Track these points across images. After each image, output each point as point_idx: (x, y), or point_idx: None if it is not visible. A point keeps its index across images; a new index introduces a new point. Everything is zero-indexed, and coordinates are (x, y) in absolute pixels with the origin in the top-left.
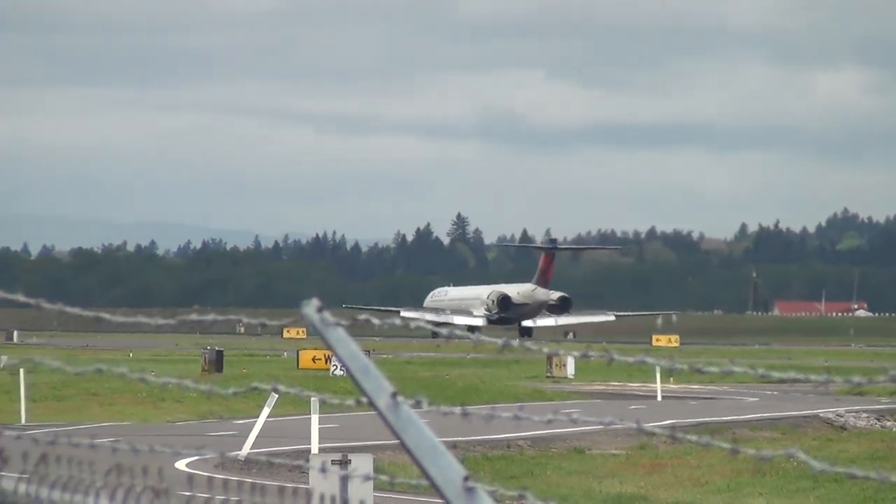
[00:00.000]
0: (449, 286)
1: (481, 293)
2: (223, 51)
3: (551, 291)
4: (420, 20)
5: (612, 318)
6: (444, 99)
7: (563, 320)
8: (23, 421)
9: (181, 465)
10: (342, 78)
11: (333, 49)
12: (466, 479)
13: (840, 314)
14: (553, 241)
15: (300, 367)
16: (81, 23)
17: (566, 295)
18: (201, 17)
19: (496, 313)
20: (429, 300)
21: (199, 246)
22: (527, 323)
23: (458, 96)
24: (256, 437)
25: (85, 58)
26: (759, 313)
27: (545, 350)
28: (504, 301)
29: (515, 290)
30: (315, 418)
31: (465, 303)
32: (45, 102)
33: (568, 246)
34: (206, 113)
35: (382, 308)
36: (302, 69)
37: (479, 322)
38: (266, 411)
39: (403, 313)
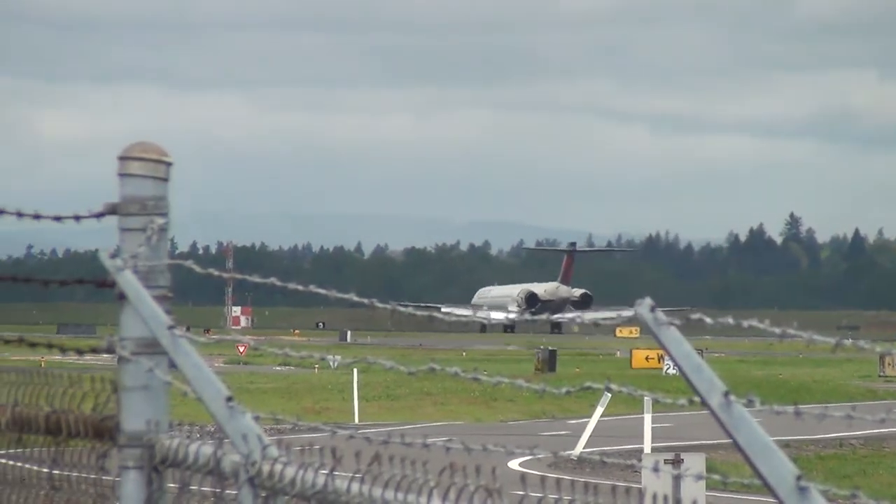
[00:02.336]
0: (493, 285)
1: (513, 291)
2: (561, 50)
3: (573, 288)
4: (752, 20)
5: (630, 312)
6: (777, 98)
7: (589, 315)
8: (356, 420)
9: (514, 464)
10: (677, 77)
11: (667, 48)
12: (799, 478)
13: None
14: (573, 244)
15: (633, 366)
16: (424, 24)
17: (587, 291)
18: (543, 17)
19: (525, 309)
20: (475, 298)
21: (532, 245)
22: (556, 317)
23: (791, 96)
24: (589, 437)
25: (426, 58)
26: None
27: (878, 350)
28: (531, 298)
29: (542, 289)
30: (648, 417)
31: (500, 300)
32: (381, 102)
33: (585, 248)
34: (540, 111)
35: (423, 305)
36: (636, 68)
37: (513, 316)
38: (599, 410)
39: (444, 309)
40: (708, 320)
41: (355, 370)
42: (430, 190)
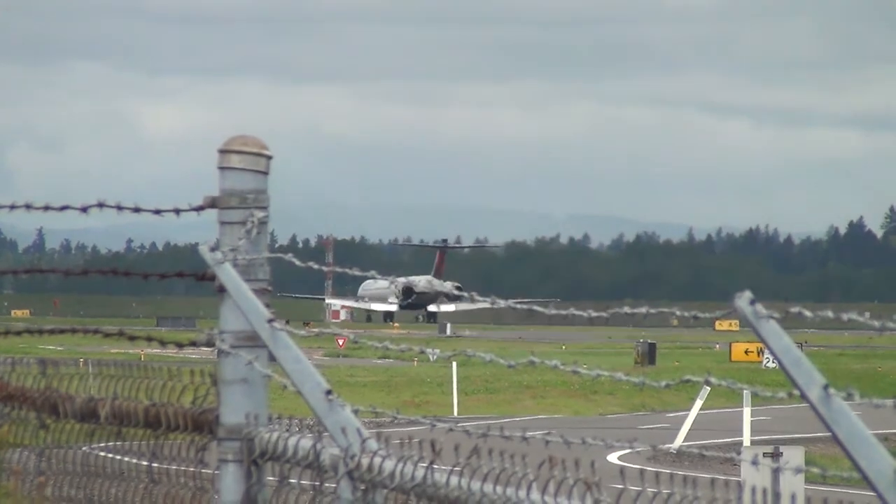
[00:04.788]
0: (377, 278)
1: (391, 284)
2: (665, 44)
3: (446, 281)
4: (859, 13)
5: (502, 304)
6: (881, 91)
7: (465, 306)
8: (455, 413)
9: (613, 458)
10: (780, 71)
11: (771, 42)
12: None
13: None
14: (444, 240)
15: (732, 359)
16: (530, 18)
17: (459, 284)
18: (648, 12)
19: (404, 300)
20: (360, 290)
21: (632, 239)
22: (431, 308)
23: (894, 88)
24: (689, 430)
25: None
26: None
27: None
28: (407, 290)
29: (418, 282)
30: (747, 411)
31: (381, 292)
32: (486, 96)
33: (454, 245)
34: (643, 105)
35: (309, 297)
36: (740, 62)
37: (393, 308)
38: (698, 403)
39: (328, 300)
40: (807, 314)
41: (454, 363)
42: (531, 183)
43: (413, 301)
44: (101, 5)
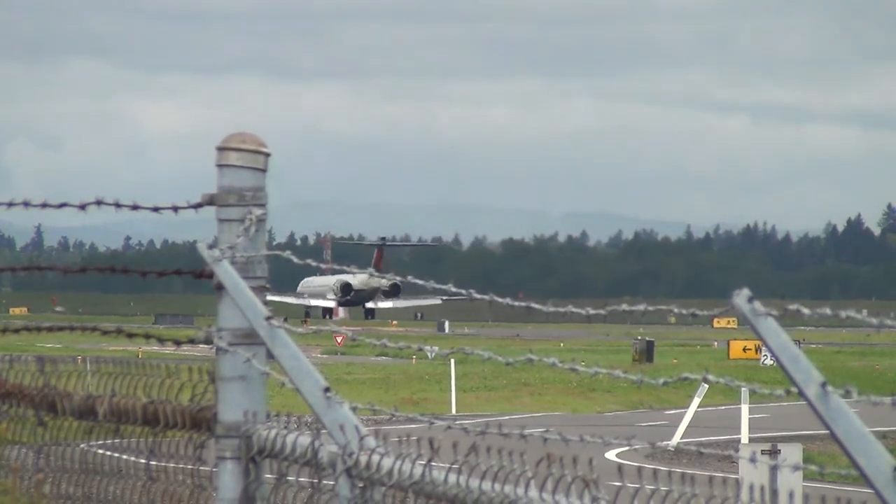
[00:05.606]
0: (316, 275)
1: (330, 281)
2: (663, 41)
3: (383, 280)
4: (857, 10)
5: (438, 301)
6: (878, 89)
7: (401, 303)
8: (453, 411)
9: (611, 455)
10: (778, 68)
11: (769, 40)
12: None
13: None
14: (383, 238)
15: (730, 357)
16: (528, 15)
17: (397, 282)
18: (646, 9)
19: (342, 297)
20: (300, 287)
21: (630, 236)
22: (369, 305)
23: (891, 86)
24: (686, 427)
25: (529, 49)
26: None
27: None
28: (345, 287)
29: (356, 279)
30: (745, 408)
31: (320, 289)
32: (483, 93)
33: (395, 243)
34: (641, 103)
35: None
36: (738, 59)
37: (332, 304)
38: (696, 401)
39: (268, 297)
40: (805, 311)
41: (453, 361)
42: (528, 181)
43: (351, 298)
44: (99, 3)
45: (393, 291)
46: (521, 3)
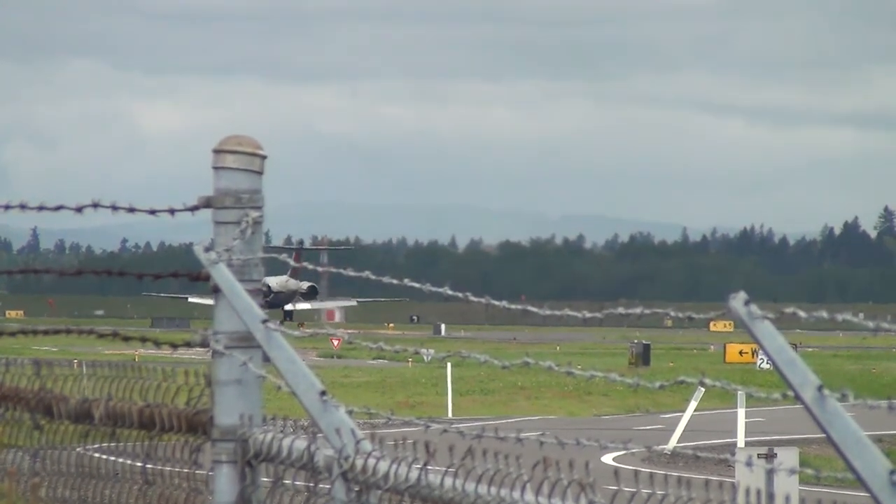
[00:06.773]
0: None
1: None
2: (659, 43)
3: (301, 282)
4: (854, 12)
5: (353, 303)
6: (877, 91)
7: (318, 305)
8: (449, 414)
9: (607, 458)
10: (775, 70)
11: (764, 41)
12: (892, 472)
13: None
14: (301, 241)
15: (727, 360)
16: (525, 18)
17: (314, 284)
18: (641, 11)
19: (262, 299)
20: None
21: (626, 239)
22: (287, 307)
23: (888, 88)
24: (683, 431)
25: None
26: None
27: None
28: (265, 289)
29: (275, 281)
30: (741, 412)
31: None
32: (481, 95)
33: (312, 247)
34: (637, 105)
35: (173, 295)
36: (733, 61)
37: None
38: (692, 405)
39: (191, 299)
40: (802, 314)
41: (449, 364)
42: (525, 183)
43: (270, 300)
44: (97, 3)
45: (311, 293)
46: (518, 5)
